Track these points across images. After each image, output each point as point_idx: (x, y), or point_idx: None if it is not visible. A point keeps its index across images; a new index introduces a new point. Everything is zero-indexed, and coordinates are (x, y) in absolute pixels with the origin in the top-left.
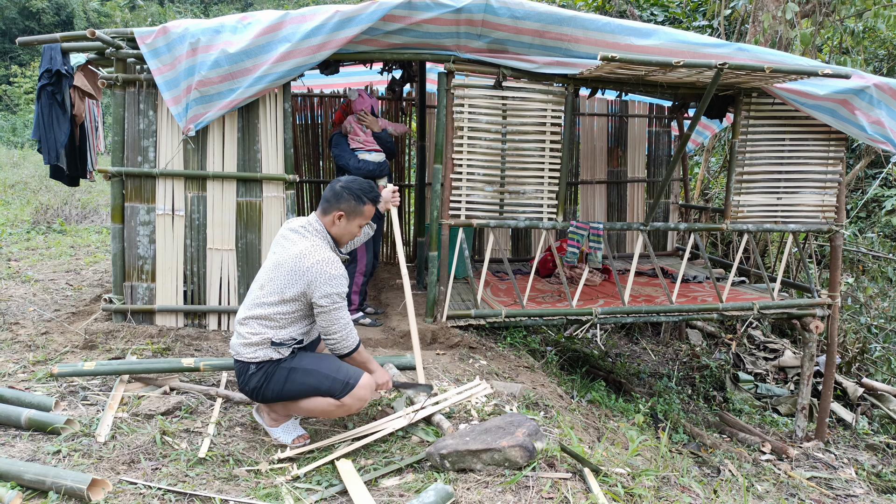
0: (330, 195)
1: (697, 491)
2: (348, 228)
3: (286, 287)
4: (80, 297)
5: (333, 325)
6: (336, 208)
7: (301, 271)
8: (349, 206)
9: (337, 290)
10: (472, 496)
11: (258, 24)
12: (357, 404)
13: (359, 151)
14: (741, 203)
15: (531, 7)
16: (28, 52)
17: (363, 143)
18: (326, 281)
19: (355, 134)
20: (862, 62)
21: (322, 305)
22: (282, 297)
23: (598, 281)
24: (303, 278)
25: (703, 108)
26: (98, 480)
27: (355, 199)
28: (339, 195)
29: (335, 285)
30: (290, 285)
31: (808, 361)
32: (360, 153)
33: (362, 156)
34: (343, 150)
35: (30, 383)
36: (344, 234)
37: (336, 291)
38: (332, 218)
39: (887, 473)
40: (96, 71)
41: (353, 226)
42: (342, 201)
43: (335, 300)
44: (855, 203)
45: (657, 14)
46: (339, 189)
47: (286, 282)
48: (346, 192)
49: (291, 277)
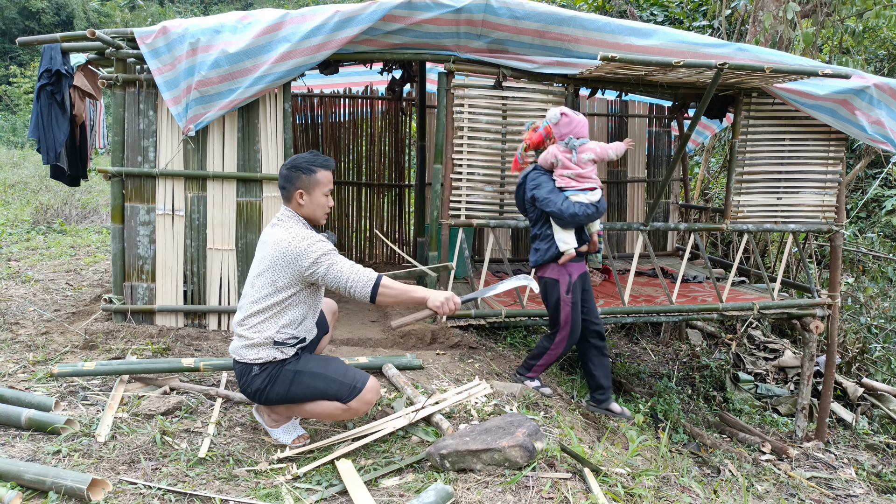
0: (282, 182)
1: (697, 491)
2: (315, 201)
3: (277, 276)
4: (80, 297)
5: (341, 279)
6: (293, 189)
7: (283, 253)
8: (303, 181)
9: (321, 251)
10: (472, 496)
11: (258, 24)
12: (364, 408)
13: (570, 191)
14: (741, 203)
15: (531, 7)
16: (28, 52)
17: (576, 178)
18: (306, 249)
19: (564, 167)
20: (862, 62)
21: (316, 272)
22: (274, 286)
23: (598, 281)
24: (285, 258)
25: (703, 108)
26: (98, 480)
27: (304, 172)
28: (289, 177)
29: (317, 248)
30: (281, 272)
31: (808, 361)
32: (571, 193)
33: (576, 197)
34: (550, 193)
35: (30, 383)
36: (316, 209)
37: (321, 253)
38: (296, 200)
39: (887, 473)
40: (96, 71)
41: (318, 196)
42: (295, 180)
43: (326, 257)
44: (855, 203)
45: (657, 14)
46: (287, 171)
47: (275, 270)
48: (293, 170)
49: (278, 263)
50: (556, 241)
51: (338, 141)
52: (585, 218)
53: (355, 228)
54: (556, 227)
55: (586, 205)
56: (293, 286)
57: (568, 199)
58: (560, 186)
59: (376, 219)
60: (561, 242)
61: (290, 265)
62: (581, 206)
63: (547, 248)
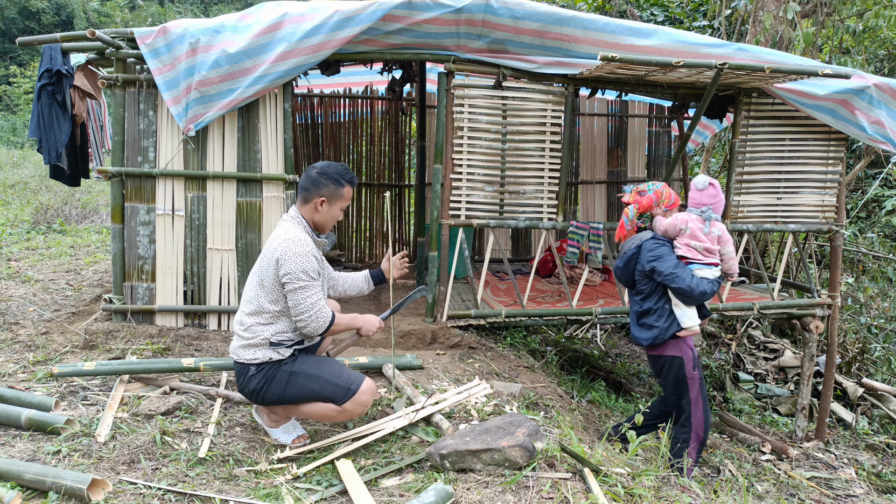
0: (308, 183)
1: (697, 491)
2: (331, 213)
3: (264, 275)
4: (80, 297)
5: (299, 306)
6: (317, 195)
7: (271, 254)
8: (329, 190)
9: (300, 267)
10: (472, 496)
11: (258, 23)
12: (359, 409)
13: (696, 265)
14: (741, 203)
15: (531, 7)
16: (28, 52)
17: (703, 252)
18: (289, 258)
19: (693, 237)
20: (862, 62)
21: (285, 284)
22: (262, 286)
23: (598, 281)
24: (272, 260)
25: (703, 108)
26: (98, 480)
27: (334, 183)
28: (317, 181)
29: (298, 262)
30: (266, 272)
31: (808, 361)
32: (697, 268)
33: (701, 272)
34: (676, 268)
35: (30, 383)
36: (327, 219)
37: (300, 269)
38: (314, 205)
39: (887, 473)
40: (96, 71)
41: (336, 209)
42: (322, 187)
43: (299, 277)
44: (855, 203)
45: (657, 14)
46: (316, 175)
47: (263, 270)
48: (323, 177)
49: (266, 264)
50: (676, 316)
51: (338, 141)
52: (711, 296)
53: (355, 228)
54: (677, 301)
55: (713, 281)
56: (277, 289)
57: (695, 276)
58: (682, 256)
59: (376, 219)
60: (685, 318)
61: (275, 263)
62: (709, 284)
63: (668, 326)
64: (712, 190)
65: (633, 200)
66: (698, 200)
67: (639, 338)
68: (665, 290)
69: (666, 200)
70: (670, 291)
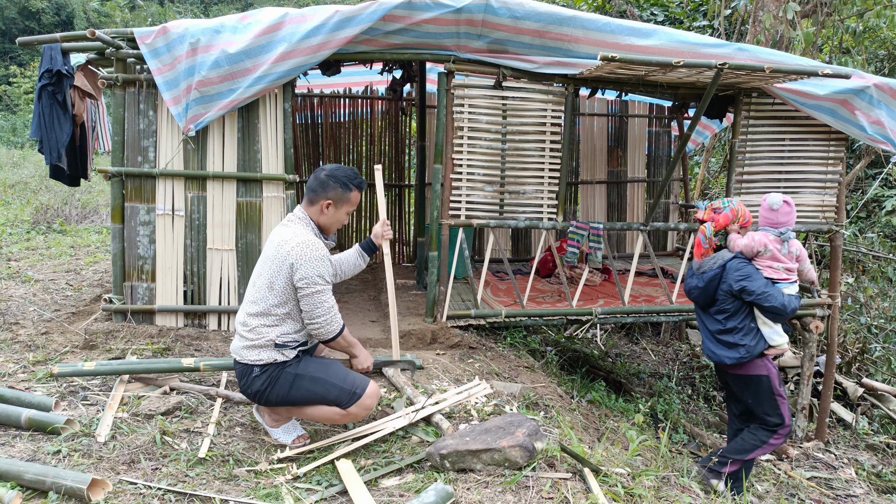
0: (315, 185)
1: (697, 491)
2: (337, 216)
3: (274, 278)
4: (80, 297)
5: (316, 310)
6: (323, 197)
7: (283, 257)
8: (336, 193)
9: (316, 271)
10: (472, 496)
11: (258, 24)
12: (363, 413)
13: (783, 284)
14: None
15: (531, 7)
16: (28, 52)
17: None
18: (305, 262)
19: (774, 258)
20: (862, 62)
21: (301, 288)
22: (271, 288)
23: (598, 281)
24: (285, 263)
25: (703, 108)
26: (98, 480)
27: (342, 187)
28: (325, 183)
29: (314, 267)
30: (277, 274)
31: (808, 361)
32: (784, 286)
33: (787, 290)
34: (767, 287)
35: (30, 383)
36: (332, 223)
37: (316, 273)
38: (320, 207)
39: (887, 473)
40: (96, 71)
41: (342, 213)
42: (329, 189)
43: (315, 282)
44: (855, 203)
45: (657, 14)
46: (325, 178)
47: (273, 272)
48: (331, 179)
49: (277, 266)
50: (764, 334)
51: (338, 141)
52: (794, 310)
53: (355, 228)
54: (764, 320)
55: (798, 297)
56: (288, 289)
57: (784, 294)
58: (770, 278)
59: (376, 219)
60: (775, 336)
61: (288, 268)
62: (798, 300)
63: (755, 344)
64: (787, 208)
65: (709, 218)
66: (774, 220)
67: (721, 356)
68: (750, 309)
69: (741, 218)
70: (757, 310)
